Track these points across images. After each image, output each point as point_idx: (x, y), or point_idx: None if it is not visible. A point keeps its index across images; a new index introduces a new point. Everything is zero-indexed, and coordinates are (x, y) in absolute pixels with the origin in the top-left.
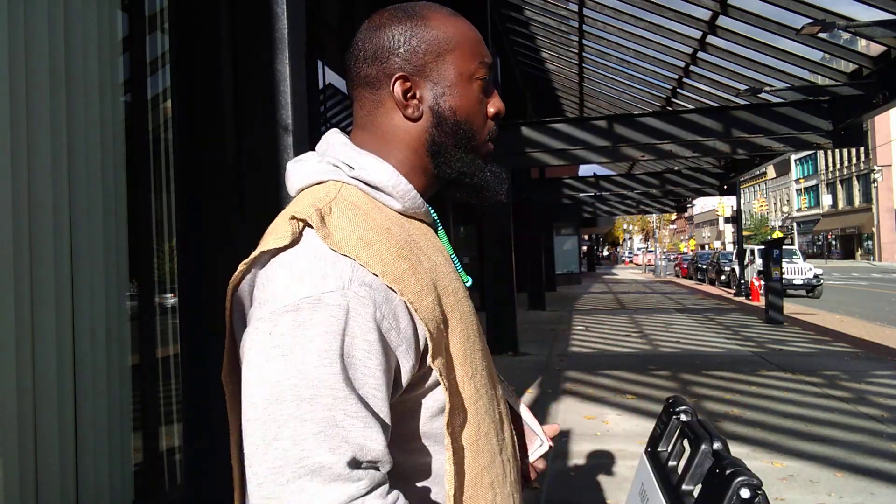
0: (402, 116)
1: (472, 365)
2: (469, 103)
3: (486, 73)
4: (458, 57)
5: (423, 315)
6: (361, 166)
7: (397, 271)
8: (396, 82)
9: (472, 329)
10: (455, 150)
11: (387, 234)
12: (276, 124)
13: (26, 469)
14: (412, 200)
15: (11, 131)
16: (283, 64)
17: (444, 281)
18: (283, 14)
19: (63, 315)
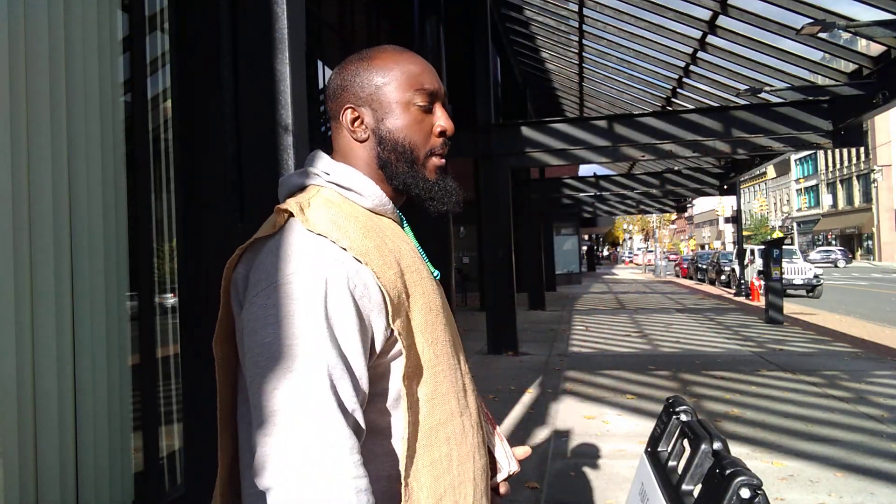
0: (352, 140)
1: (433, 333)
2: (405, 124)
3: (423, 100)
4: (394, 87)
5: (386, 283)
6: (336, 172)
7: (363, 247)
8: (346, 112)
9: (434, 304)
10: (398, 163)
11: (354, 220)
12: (276, 124)
13: (26, 469)
14: (379, 199)
15: (11, 131)
16: (283, 64)
17: (406, 261)
18: (283, 14)
19: (63, 315)
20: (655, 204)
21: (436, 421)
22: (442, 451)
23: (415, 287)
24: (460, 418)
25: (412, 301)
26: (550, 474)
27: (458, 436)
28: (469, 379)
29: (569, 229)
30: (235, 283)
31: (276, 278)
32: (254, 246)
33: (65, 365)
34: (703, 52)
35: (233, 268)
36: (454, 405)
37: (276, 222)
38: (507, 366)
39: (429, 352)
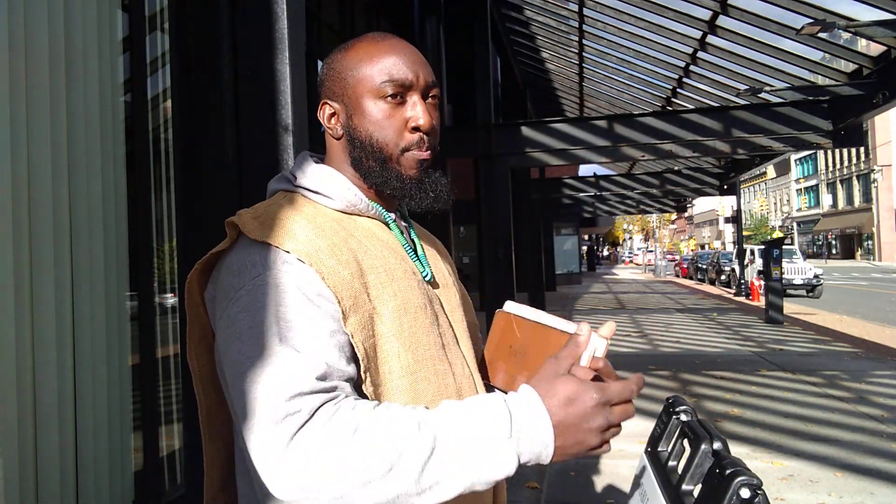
0: (331, 137)
1: (411, 338)
2: (374, 119)
3: (394, 90)
4: (360, 78)
5: (334, 283)
6: (304, 176)
7: (311, 248)
8: (323, 108)
9: (412, 305)
10: (368, 161)
11: (308, 222)
12: (276, 124)
13: (26, 469)
14: (349, 200)
15: (12, 131)
16: (283, 64)
17: (373, 261)
18: (283, 14)
19: (63, 315)
20: (655, 204)
21: None
22: None
23: (383, 288)
24: None
25: (380, 303)
26: (550, 474)
27: None
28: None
29: (569, 229)
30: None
31: (231, 296)
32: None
33: (65, 365)
34: (703, 52)
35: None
36: None
37: (230, 236)
38: None
39: (406, 356)
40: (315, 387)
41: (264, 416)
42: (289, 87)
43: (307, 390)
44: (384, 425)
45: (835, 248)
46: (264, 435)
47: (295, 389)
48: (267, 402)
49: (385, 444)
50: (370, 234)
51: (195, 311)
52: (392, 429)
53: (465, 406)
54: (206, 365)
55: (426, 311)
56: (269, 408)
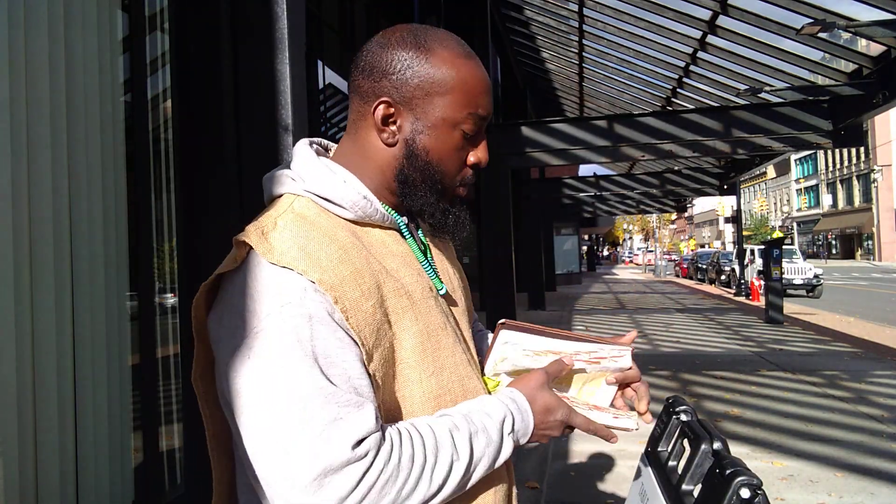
0: (377, 137)
1: (435, 363)
2: (445, 148)
3: (473, 126)
4: (447, 102)
5: (357, 322)
6: (312, 179)
7: (336, 278)
8: (380, 105)
9: (433, 327)
10: (421, 185)
11: (330, 241)
12: (276, 124)
13: (26, 469)
14: (362, 209)
15: (11, 131)
16: (283, 64)
17: (394, 284)
18: (283, 14)
19: (63, 315)
20: (655, 204)
21: None
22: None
23: (403, 313)
24: None
25: (400, 328)
26: (550, 474)
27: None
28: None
29: (569, 229)
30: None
31: (252, 324)
32: (222, 281)
33: (65, 365)
34: (703, 52)
35: (202, 305)
36: None
37: (238, 255)
38: None
39: (430, 383)
40: (373, 429)
41: (316, 460)
42: (289, 87)
43: (368, 433)
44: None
45: (835, 248)
46: (317, 482)
47: (357, 435)
48: (327, 451)
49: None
50: (385, 248)
51: (202, 334)
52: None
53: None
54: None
55: (446, 330)
56: (330, 456)
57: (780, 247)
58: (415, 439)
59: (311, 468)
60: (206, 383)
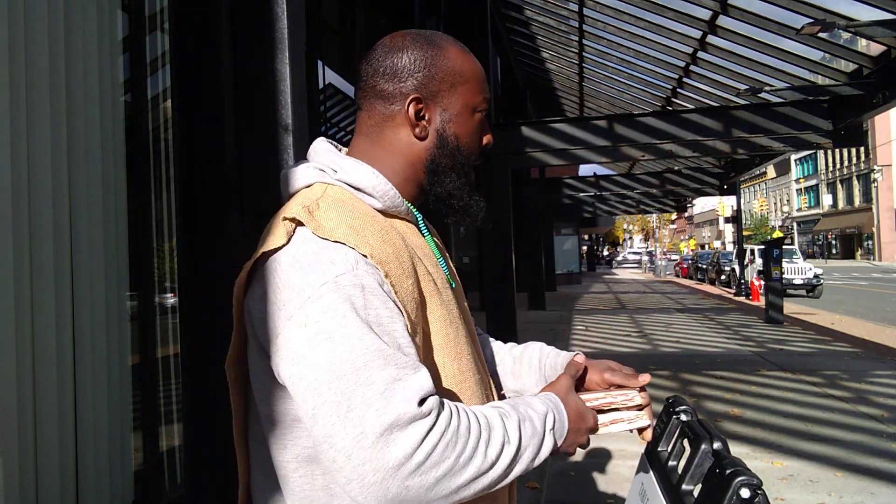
0: (409, 133)
1: (456, 347)
2: (469, 132)
3: (486, 108)
4: (467, 90)
5: (403, 296)
6: (344, 169)
7: (383, 254)
8: (412, 103)
9: (454, 315)
10: (450, 171)
11: (372, 222)
12: (276, 124)
13: (26, 469)
14: (391, 200)
15: (11, 131)
16: (283, 64)
17: (423, 268)
18: (283, 14)
19: (63, 315)
20: (655, 204)
21: None
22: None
23: (431, 298)
24: None
25: (430, 313)
26: (550, 474)
27: None
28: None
29: (569, 229)
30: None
31: (308, 293)
32: (263, 260)
33: (65, 365)
34: (703, 52)
35: (243, 286)
36: None
37: (285, 232)
38: None
39: (452, 368)
40: (430, 390)
41: (381, 416)
42: (289, 87)
43: (426, 392)
44: (486, 425)
45: (835, 248)
46: (384, 438)
47: (421, 392)
48: (384, 403)
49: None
50: (409, 238)
51: (240, 317)
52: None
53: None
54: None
55: (462, 320)
56: (388, 408)
57: (780, 247)
58: (470, 414)
59: (377, 424)
60: (237, 370)
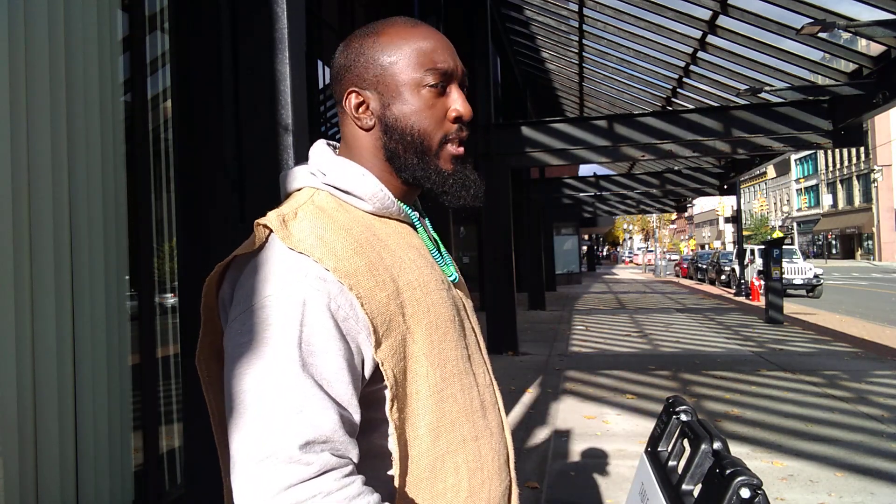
0: (357, 128)
1: (440, 355)
2: (415, 109)
3: (436, 80)
4: (403, 67)
5: (371, 309)
6: (332, 173)
7: (350, 267)
8: (350, 96)
9: (442, 319)
10: (407, 155)
11: (345, 234)
12: (276, 124)
13: (26, 469)
14: (381, 201)
15: (12, 131)
16: (283, 64)
17: (409, 276)
18: (283, 14)
19: (63, 315)
20: (655, 204)
21: (442, 450)
22: (448, 482)
23: (417, 305)
24: (475, 443)
25: (414, 322)
26: (550, 474)
27: (471, 463)
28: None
29: (569, 229)
30: (223, 302)
31: (252, 301)
32: (235, 263)
33: (65, 365)
34: (703, 52)
35: (214, 285)
36: (467, 430)
37: (258, 238)
38: (507, 366)
39: (434, 375)
40: (329, 437)
41: (268, 454)
42: (289, 87)
43: (322, 440)
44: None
45: (835, 248)
46: (260, 475)
47: (311, 436)
48: (276, 441)
49: None
50: (402, 240)
51: (209, 315)
52: None
53: None
54: (216, 371)
55: (454, 322)
56: (277, 447)
57: (780, 247)
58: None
59: (255, 452)
60: (209, 368)
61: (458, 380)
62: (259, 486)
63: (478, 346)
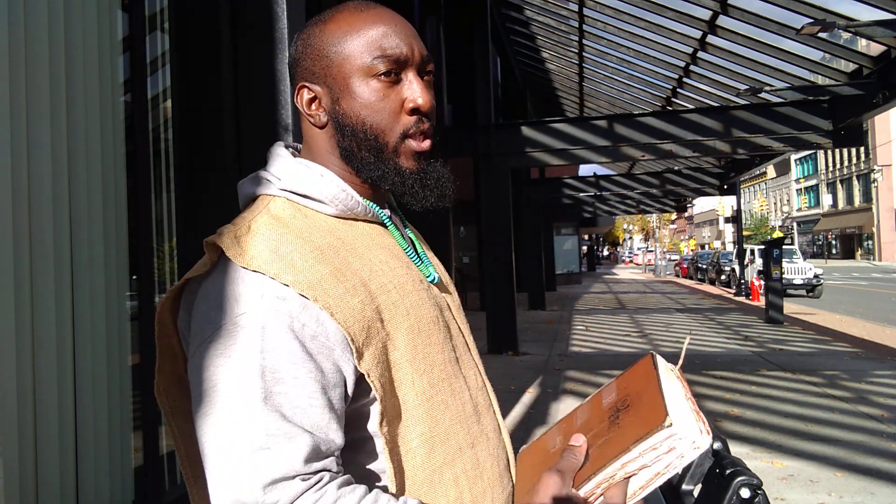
0: (311, 125)
1: (425, 360)
2: (365, 102)
3: (387, 67)
4: (348, 56)
5: (344, 318)
6: (288, 176)
7: (313, 277)
8: (301, 91)
9: (424, 321)
10: (361, 153)
11: (304, 242)
12: (276, 124)
13: (26, 469)
14: (343, 203)
15: (12, 131)
16: (283, 64)
17: (382, 278)
18: (283, 14)
19: (63, 315)
20: (655, 204)
21: (439, 462)
22: (450, 495)
23: (395, 308)
24: (472, 450)
25: (393, 327)
26: None
27: (470, 472)
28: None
29: (569, 229)
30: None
31: (207, 333)
32: (189, 287)
33: (65, 365)
34: (703, 52)
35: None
36: (462, 437)
37: (209, 258)
38: (507, 365)
39: (421, 382)
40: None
41: (235, 500)
42: (289, 87)
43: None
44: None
45: (835, 248)
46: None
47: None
48: (242, 485)
49: None
50: (371, 242)
51: (166, 343)
52: None
53: None
54: (179, 401)
55: (438, 323)
56: (243, 492)
57: (780, 247)
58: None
59: (225, 498)
60: (172, 398)
61: (447, 384)
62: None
63: (466, 347)
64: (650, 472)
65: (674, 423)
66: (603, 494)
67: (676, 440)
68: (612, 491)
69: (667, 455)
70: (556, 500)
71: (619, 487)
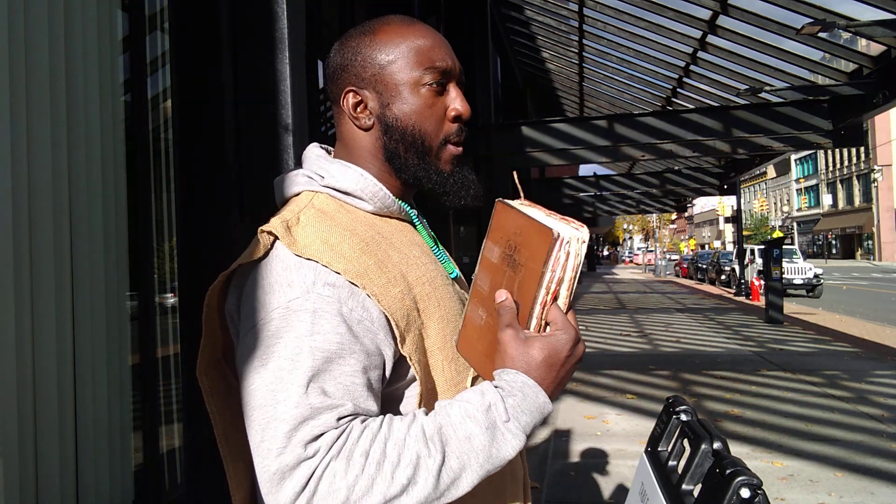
0: (355, 128)
1: (453, 349)
2: (415, 109)
3: (434, 78)
4: (400, 66)
5: (388, 304)
6: (331, 175)
7: (360, 267)
8: (347, 95)
9: (452, 314)
10: (407, 155)
11: (350, 235)
12: (276, 124)
13: (26, 469)
14: (381, 200)
15: (11, 131)
16: (283, 64)
17: (417, 272)
18: (283, 14)
19: (63, 315)
20: (655, 204)
21: None
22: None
23: (428, 300)
24: None
25: (426, 316)
26: (550, 474)
27: None
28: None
29: None
30: (230, 314)
31: (260, 316)
32: (239, 272)
33: (65, 365)
34: (703, 52)
35: (216, 296)
36: None
37: (262, 245)
38: None
39: (449, 369)
40: (334, 425)
41: (278, 457)
42: (289, 87)
43: (325, 431)
44: (393, 444)
45: (835, 247)
46: (277, 478)
47: (315, 432)
48: (282, 445)
49: (400, 461)
50: (404, 238)
51: (211, 327)
52: (402, 445)
53: (462, 403)
54: (217, 381)
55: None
56: (284, 451)
57: (780, 247)
58: (373, 438)
59: (275, 464)
60: (211, 378)
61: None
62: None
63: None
64: (566, 279)
65: (559, 232)
66: (546, 321)
67: (567, 245)
68: (551, 314)
69: (568, 260)
70: (521, 346)
71: (553, 307)
